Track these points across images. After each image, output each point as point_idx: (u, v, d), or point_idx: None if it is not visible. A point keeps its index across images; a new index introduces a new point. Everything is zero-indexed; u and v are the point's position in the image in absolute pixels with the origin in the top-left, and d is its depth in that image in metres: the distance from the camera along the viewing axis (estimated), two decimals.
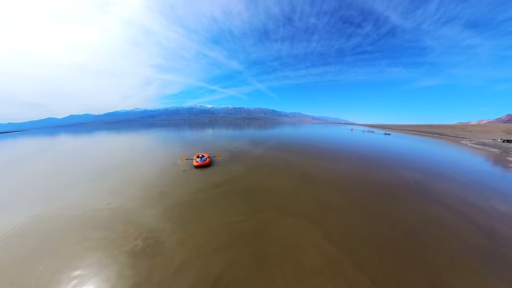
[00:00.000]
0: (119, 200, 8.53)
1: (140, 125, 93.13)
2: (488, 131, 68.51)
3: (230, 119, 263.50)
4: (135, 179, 11.45)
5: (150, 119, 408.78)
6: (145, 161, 16.01)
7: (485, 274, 5.19)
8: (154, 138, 34.27)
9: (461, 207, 9.19)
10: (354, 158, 19.53)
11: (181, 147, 22.27)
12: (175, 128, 60.44)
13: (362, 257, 5.51)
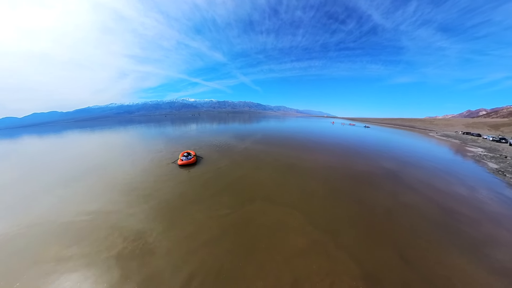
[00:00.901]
0: (98, 205, 8.00)
1: (116, 122, 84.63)
2: (451, 125, 77.41)
3: (214, 113, 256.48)
4: (114, 181, 10.72)
5: (128, 115, 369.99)
6: (124, 161, 14.89)
7: (443, 244, 6.04)
8: (133, 135, 31.76)
9: (427, 190, 10.30)
10: (336, 150, 20.58)
11: (164, 144, 21.13)
12: (156, 124, 56.56)
13: (342, 238, 6.02)
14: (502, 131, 55.14)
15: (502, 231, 6.97)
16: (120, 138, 29.57)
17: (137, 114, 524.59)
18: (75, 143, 26.23)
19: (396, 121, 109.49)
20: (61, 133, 42.73)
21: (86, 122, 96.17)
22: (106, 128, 49.21)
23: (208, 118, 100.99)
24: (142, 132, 36.04)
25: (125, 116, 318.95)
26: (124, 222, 6.68)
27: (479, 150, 24.27)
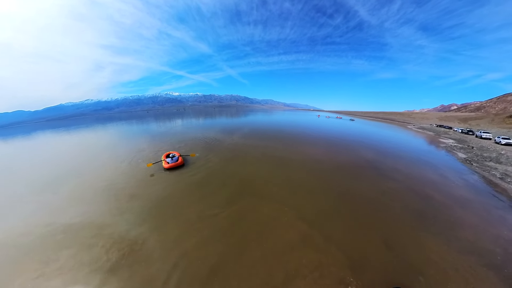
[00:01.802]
0: (79, 211, 7.37)
1: (94, 120, 77.70)
2: (427, 118, 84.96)
3: (200, 108, 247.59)
4: (95, 185, 9.91)
5: (106, 112, 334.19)
6: (105, 162, 13.78)
7: (419, 228, 6.55)
8: (113, 134, 29.57)
9: (405, 179, 11.03)
10: (322, 142, 21.17)
11: (147, 143, 19.88)
12: (137, 121, 52.79)
13: (330, 230, 6.24)
14: (470, 124, 61.17)
15: (469, 214, 7.72)
16: (98, 137, 27.31)
17: (117, 110, 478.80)
18: (48, 145, 23.55)
19: (378, 114, 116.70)
20: (31, 135, 37.72)
21: (59, 122, 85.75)
22: (83, 127, 44.24)
23: (194, 112, 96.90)
24: (122, 130, 33.62)
25: (103, 113, 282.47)
26: (108, 230, 6.23)
27: (450, 141, 26.56)
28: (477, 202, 8.73)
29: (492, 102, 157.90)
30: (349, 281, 4.36)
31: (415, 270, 4.82)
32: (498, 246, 5.86)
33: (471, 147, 21.56)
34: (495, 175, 12.04)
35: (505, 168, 13.39)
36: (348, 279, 4.42)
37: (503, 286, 4.51)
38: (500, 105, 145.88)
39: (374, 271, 4.72)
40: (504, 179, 11.33)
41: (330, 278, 4.45)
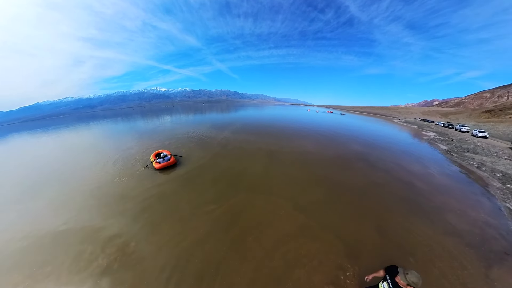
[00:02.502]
0: (63, 218, 6.79)
1: (75, 119, 68.78)
2: (411, 112, 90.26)
3: (189, 103, 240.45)
4: (80, 188, 9.15)
5: (89, 110, 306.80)
6: (89, 164, 12.68)
7: (407, 214, 6.95)
8: (98, 134, 27.39)
9: (392, 169, 11.58)
10: (314, 136, 21.55)
11: (135, 141, 18.74)
12: (123, 119, 49.18)
13: (326, 219, 6.41)
14: (450, 118, 65.78)
15: (450, 199, 8.29)
16: (81, 138, 24.87)
17: (100, 108, 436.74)
18: (25, 149, 20.93)
19: (366, 108, 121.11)
20: (4, 138, 32.52)
21: (36, 122, 76.35)
22: (63, 128, 39.35)
23: (183, 108, 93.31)
24: (107, 129, 31.30)
25: (85, 111, 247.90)
26: (96, 235, 5.84)
27: (433, 134, 28.20)
28: (457, 189, 9.39)
29: (470, 98, 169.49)
30: (346, 267, 4.53)
31: (405, 252, 5.13)
32: (476, 227, 6.38)
33: (451, 140, 23.09)
34: (473, 165, 13.00)
35: (481, 158, 14.51)
36: (345, 265, 4.60)
37: (481, 262, 4.94)
38: (477, 101, 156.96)
39: (369, 255, 4.95)
40: (480, 168, 12.29)
41: (329, 265, 4.60)
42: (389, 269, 2.86)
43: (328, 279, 4.25)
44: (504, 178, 10.56)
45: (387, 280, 2.69)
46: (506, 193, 8.87)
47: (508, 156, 15.11)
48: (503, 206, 7.79)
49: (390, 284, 2.61)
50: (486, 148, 18.32)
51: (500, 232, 6.20)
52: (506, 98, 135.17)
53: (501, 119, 50.83)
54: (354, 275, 4.31)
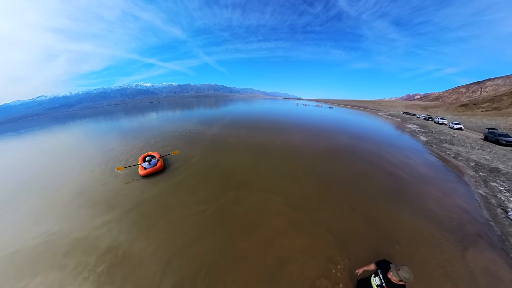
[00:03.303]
0: (44, 229, 6.16)
1: (51, 120, 59.86)
2: (395, 106, 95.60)
3: (176, 99, 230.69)
4: (59, 197, 8.31)
5: (66, 110, 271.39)
6: (69, 169, 11.41)
7: (392, 204, 7.29)
8: (77, 135, 24.99)
9: (376, 160, 12.05)
10: (303, 129, 21.85)
11: (119, 141, 17.43)
12: (105, 117, 44.94)
13: (316, 212, 6.52)
14: (429, 111, 70.33)
15: (430, 188, 8.81)
16: (59, 140, 22.32)
17: (79, 107, 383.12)
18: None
19: (352, 102, 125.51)
20: None
21: (6, 125, 64.35)
22: (38, 130, 34.04)
23: (169, 104, 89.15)
24: (88, 129, 28.81)
25: (62, 111, 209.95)
26: (80, 246, 5.40)
27: (414, 127, 29.81)
28: (436, 178, 10.00)
29: (448, 93, 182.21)
30: (337, 260, 4.63)
31: (392, 240, 5.37)
32: (453, 213, 6.84)
33: (431, 132, 24.55)
34: (450, 155, 13.90)
35: (457, 149, 15.55)
36: (336, 258, 4.70)
37: (458, 245, 5.32)
38: (454, 96, 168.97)
39: (358, 246, 5.11)
40: (456, 158, 13.17)
41: (320, 258, 4.68)
42: (380, 263, 2.93)
43: (320, 272, 4.32)
44: (477, 167, 11.42)
45: (379, 275, 2.76)
46: (478, 181, 9.60)
47: (480, 147, 16.37)
48: (476, 193, 8.42)
49: (382, 279, 2.68)
50: (461, 139, 19.71)
51: (473, 216, 6.71)
52: (479, 93, 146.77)
53: (474, 113, 55.12)
54: (345, 268, 4.42)
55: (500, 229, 6.11)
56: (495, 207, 7.36)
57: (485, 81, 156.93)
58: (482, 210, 7.12)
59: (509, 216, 6.80)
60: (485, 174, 10.34)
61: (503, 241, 5.61)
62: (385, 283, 2.62)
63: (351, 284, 4.00)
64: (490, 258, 5.03)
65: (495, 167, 11.24)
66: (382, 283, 2.67)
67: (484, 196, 8.11)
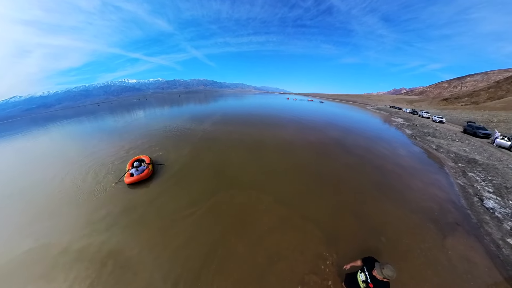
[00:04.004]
0: (23, 244, 5.59)
1: (28, 123, 52.19)
2: (382, 100, 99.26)
3: (164, 95, 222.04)
4: (40, 206, 7.59)
5: (44, 110, 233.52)
6: (51, 175, 10.33)
7: (379, 196, 7.53)
8: (58, 139, 22.43)
9: (365, 153, 12.38)
10: (293, 124, 21.97)
11: (103, 144, 15.94)
12: (88, 118, 40.69)
13: (305, 208, 6.58)
14: (414, 105, 73.56)
15: (415, 179, 9.18)
16: (38, 145, 19.67)
17: (59, 107, 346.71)
18: None
19: (342, 96, 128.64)
20: None
21: None
22: (12, 135, 28.58)
23: (157, 101, 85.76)
24: (69, 131, 26.28)
25: (40, 112, 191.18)
26: (63, 258, 5.01)
27: (400, 120, 30.99)
28: (420, 169, 10.45)
29: (431, 87, 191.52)
30: (326, 256, 4.70)
31: (377, 233, 5.54)
32: (435, 203, 7.18)
33: (415, 125, 25.62)
34: (432, 147, 14.56)
35: (439, 141, 16.33)
36: (325, 254, 4.77)
37: (439, 234, 5.60)
38: (437, 90, 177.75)
39: (346, 241, 5.22)
40: (438, 150, 13.83)
41: (310, 255, 4.74)
42: (366, 260, 3.01)
43: (309, 269, 4.37)
44: (457, 158, 12.06)
45: (365, 271, 2.82)
46: (458, 171, 10.15)
47: (459, 139, 17.30)
48: (455, 183, 8.89)
49: (367, 275, 2.74)
50: (443, 132, 20.75)
51: (453, 206, 7.09)
52: (460, 88, 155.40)
53: (455, 106, 58.27)
54: (333, 263, 4.50)
55: (476, 217, 6.50)
56: (472, 196, 7.82)
57: (465, 77, 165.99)
58: (461, 199, 7.54)
59: (484, 204, 7.25)
60: (464, 165, 10.94)
61: (478, 228, 5.98)
62: (370, 280, 2.68)
63: (339, 279, 4.08)
64: (468, 245, 5.34)
65: (473, 158, 11.93)
66: (367, 279, 2.73)
67: (462, 186, 8.58)
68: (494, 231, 5.84)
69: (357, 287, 2.91)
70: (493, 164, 11.02)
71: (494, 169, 10.31)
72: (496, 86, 62.44)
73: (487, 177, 9.40)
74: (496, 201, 7.37)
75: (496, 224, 6.16)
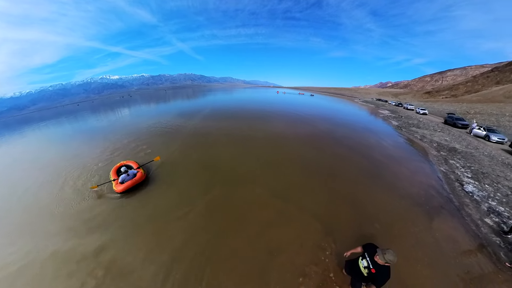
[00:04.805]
0: (11, 259, 5.00)
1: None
2: (369, 93, 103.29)
3: (149, 92, 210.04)
4: (20, 219, 6.71)
5: (17, 113, 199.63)
6: (30, 185, 9.02)
7: (370, 185, 7.84)
8: (34, 143, 19.77)
9: (354, 144, 12.78)
10: (284, 118, 22.05)
11: (86, 146, 14.30)
12: (68, 118, 35.52)
13: (302, 200, 6.67)
14: (399, 98, 77.51)
15: (402, 168, 9.66)
16: (12, 152, 16.90)
17: (34, 108, 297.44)
18: None
19: (331, 90, 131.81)
20: None
21: None
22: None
23: (143, 98, 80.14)
24: (47, 135, 23.28)
25: (13, 115, 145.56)
26: (66, 266, 4.66)
27: (386, 112, 32.27)
28: (406, 158, 11.00)
29: (415, 81, 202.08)
30: (325, 246, 4.81)
31: (372, 219, 5.78)
32: (421, 189, 7.62)
33: (401, 116, 26.89)
34: (417, 137, 15.37)
35: (422, 132, 17.28)
36: (324, 244, 4.88)
37: (426, 217, 5.99)
38: (420, 84, 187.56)
39: (343, 229, 5.39)
40: (422, 140, 14.64)
41: (309, 246, 4.83)
42: (366, 246, 3.11)
43: (309, 260, 4.46)
44: (439, 147, 12.85)
45: (366, 258, 2.92)
46: (440, 159, 10.80)
47: (441, 129, 18.47)
48: (438, 170, 9.48)
49: (369, 261, 2.84)
50: (426, 123, 22.02)
51: (437, 191, 7.57)
52: (441, 82, 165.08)
53: (436, 99, 61.86)
54: (332, 253, 4.63)
55: (458, 200, 7.01)
56: (453, 181, 8.38)
57: (446, 71, 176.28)
58: (444, 185, 8.06)
59: (464, 188, 7.82)
60: (445, 153, 11.67)
61: (460, 210, 6.47)
62: (372, 265, 2.78)
63: (339, 269, 4.21)
64: (451, 226, 5.76)
65: (453, 147, 12.77)
66: (369, 265, 2.83)
67: (445, 172, 9.17)
68: (473, 212, 6.34)
69: (358, 273, 3.01)
70: (471, 152, 11.88)
71: (472, 157, 11.11)
72: (473, 80, 67.04)
73: (466, 164, 10.11)
74: (474, 185, 7.97)
75: (475, 206, 6.69)
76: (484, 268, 4.43)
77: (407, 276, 4.07)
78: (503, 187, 7.85)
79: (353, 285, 3.49)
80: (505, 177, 8.75)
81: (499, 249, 4.93)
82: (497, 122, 23.07)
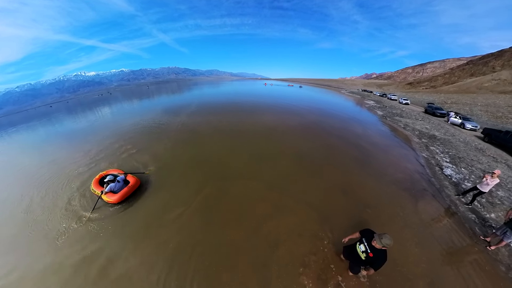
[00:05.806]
0: None
1: None
2: (355, 84, 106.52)
3: (130, 88, 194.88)
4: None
5: None
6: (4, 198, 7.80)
7: (360, 172, 8.17)
8: (5, 151, 17.59)
9: (343, 134, 13.23)
10: (273, 109, 22.01)
11: (64, 151, 12.77)
12: (40, 122, 30.19)
13: (297, 191, 6.77)
14: (383, 89, 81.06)
15: (388, 155, 10.17)
16: None
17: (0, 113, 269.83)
18: None
19: (318, 81, 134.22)
20: None
21: None
22: None
23: (124, 95, 73.92)
24: (18, 141, 20.71)
25: None
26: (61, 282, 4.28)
27: (372, 102, 33.58)
28: (391, 146, 11.57)
29: (398, 73, 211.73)
30: (322, 236, 4.94)
31: (363, 205, 6.06)
32: (406, 175, 8.09)
33: (385, 106, 28.15)
34: (400, 126, 16.21)
35: (405, 121, 18.26)
36: (321, 233, 5.02)
37: (412, 201, 6.41)
38: (403, 75, 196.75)
39: (338, 217, 5.58)
40: (405, 128, 15.48)
41: (307, 236, 4.94)
42: (364, 232, 3.24)
43: (308, 249, 4.57)
44: (420, 135, 13.67)
45: (364, 242, 3.04)
46: (422, 146, 11.51)
47: (422, 118, 19.66)
48: (421, 156, 10.11)
49: (366, 246, 2.96)
50: (408, 112, 23.30)
51: (421, 175, 8.10)
52: (422, 73, 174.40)
53: (417, 90, 65.44)
54: (330, 241, 4.78)
55: (439, 183, 7.56)
56: (434, 166, 9.00)
57: (426, 63, 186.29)
58: (426, 169, 8.63)
59: (444, 172, 8.43)
60: (426, 140, 12.45)
61: (440, 192, 7.01)
62: (369, 249, 2.91)
63: (337, 257, 4.36)
64: (434, 206, 6.23)
65: (433, 134, 13.66)
66: (367, 249, 2.96)
67: (426, 158, 9.80)
68: (452, 193, 6.91)
69: (357, 257, 3.14)
70: (448, 139, 12.78)
71: (449, 143, 11.97)
72: (450, 72, 71.55)
73: (444, 149, 10.87)
74: (452, 169, 8.63)
75: (453, 188, 7.28)
76: (463, 242, 4.93)
77: (398, 256, 4.34)
78: (476, 169, 8.59)
79: (351, 269, 3.66)
80: (478, 161, 9.57)
81: (475, 225, 5.48)
82: (470, 111, 25.03)
